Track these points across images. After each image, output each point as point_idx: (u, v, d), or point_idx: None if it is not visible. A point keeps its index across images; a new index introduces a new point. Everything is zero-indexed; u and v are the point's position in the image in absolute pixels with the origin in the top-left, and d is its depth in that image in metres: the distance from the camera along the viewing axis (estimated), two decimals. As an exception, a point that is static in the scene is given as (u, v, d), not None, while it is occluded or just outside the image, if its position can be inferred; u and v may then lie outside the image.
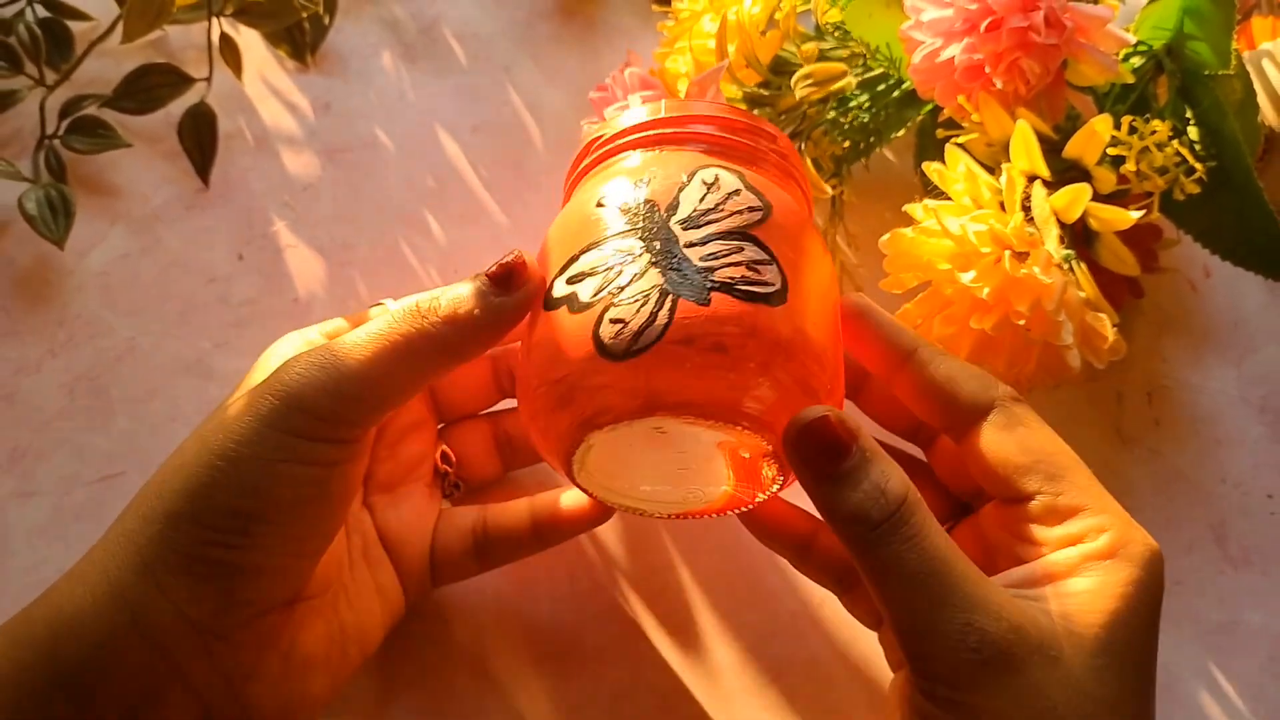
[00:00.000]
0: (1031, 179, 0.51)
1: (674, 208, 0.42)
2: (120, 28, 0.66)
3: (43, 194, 0.63)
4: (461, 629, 0.54)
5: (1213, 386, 0.62)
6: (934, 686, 0.39)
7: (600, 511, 0.52)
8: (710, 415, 0.39)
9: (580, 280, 0.41)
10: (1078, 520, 0.42)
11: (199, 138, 0.68)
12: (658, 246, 0.40)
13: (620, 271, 0.40)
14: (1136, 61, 0.56)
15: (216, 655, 0.41)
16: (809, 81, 0.58)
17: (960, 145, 0.53)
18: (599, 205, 0.43)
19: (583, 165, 0.48)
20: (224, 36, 0.70)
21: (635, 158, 0.45)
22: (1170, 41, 0.56)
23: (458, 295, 0.43)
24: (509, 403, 0.56)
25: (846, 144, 0.60)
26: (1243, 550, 0.58)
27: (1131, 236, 0.55)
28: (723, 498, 0.46)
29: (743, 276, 0.40)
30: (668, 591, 0.55)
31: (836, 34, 0.61)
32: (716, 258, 0.40)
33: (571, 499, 0.52)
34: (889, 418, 0.52)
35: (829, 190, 0.58)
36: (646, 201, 0.42)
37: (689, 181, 0.42)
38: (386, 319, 0.42)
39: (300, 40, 0.72)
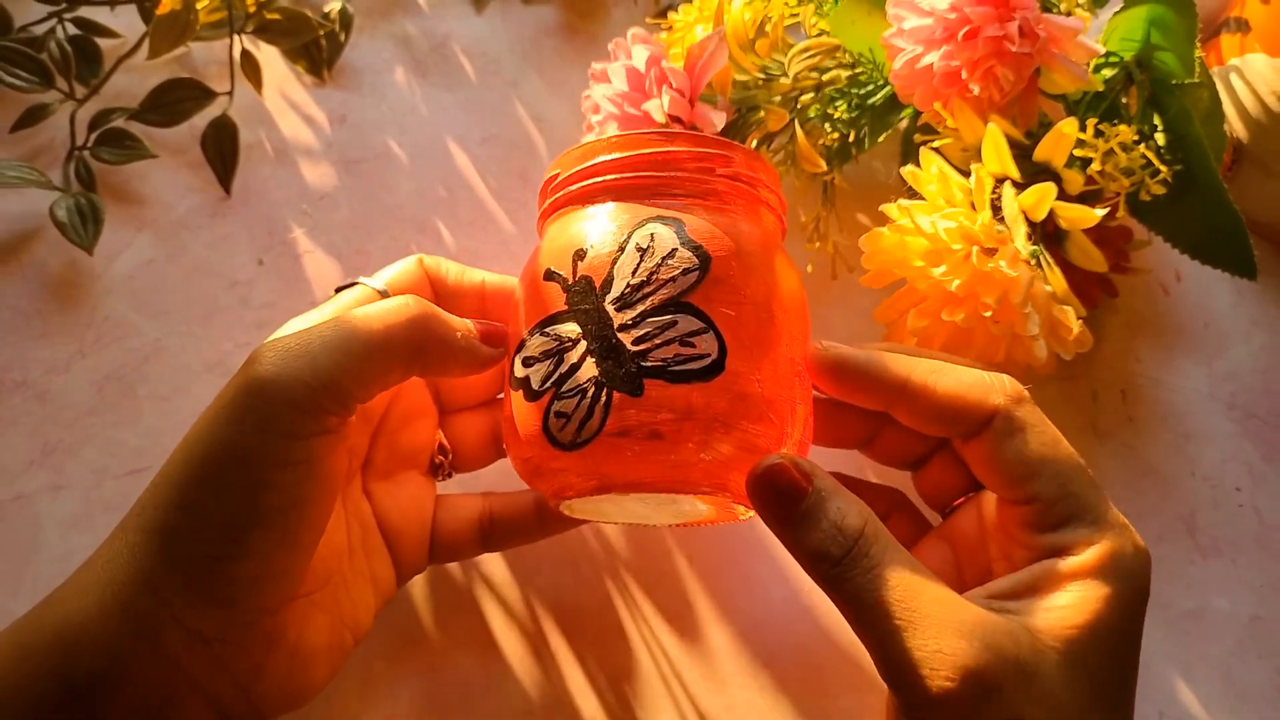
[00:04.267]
0: (1002, 180, 0.51)
1: (608, 284, 0.41)
2: (146, 44, 0.67)
3: (73, 202, 0.64)
4: (468, 615, 0.54)
5: (1184, 385, 0.62)
6: (915, 715, 0.38)
7: None
8: (660, 489, 0.41)
9: (532, 364, 0.42)
10: (1069, 530, 0.41)
11: (221, 149, 0.68)
12: (593, 331, 0.41)
13: (561, 360, 0.41)
14: (1108, 73, 0.56)
15: (225, 659, 0.40)
16: (807, 54, 0.58)
17: (936, 150, 0.53)
18: (546, 278, 0.43)
19: (545, 205, 0.47)
20: (245, 53, 0.71)
21: (575, 213, 0.45)
22: (1139, 53, 0.56)
23: (446, 316, 0.44)
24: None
25: (836, 135, 0.60)
26: (1212, 540, 0.57)
27: (1103, 237, 0.55)
28: (710, 519, 0.48)
29: (675, 355, 0.40)
30: (666, 580, 0.55)
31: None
32: (649, 338, 0.40)
33: None
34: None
35: (823, 165, 0.58)
36: (583, 278, 0.42)
37: (623, 250, 0.42)
38: (367, 310, 0.42)
39: (317, 56, 0.72)
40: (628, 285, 0.41)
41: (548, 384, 0.41)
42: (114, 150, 0.67)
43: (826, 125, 0.60)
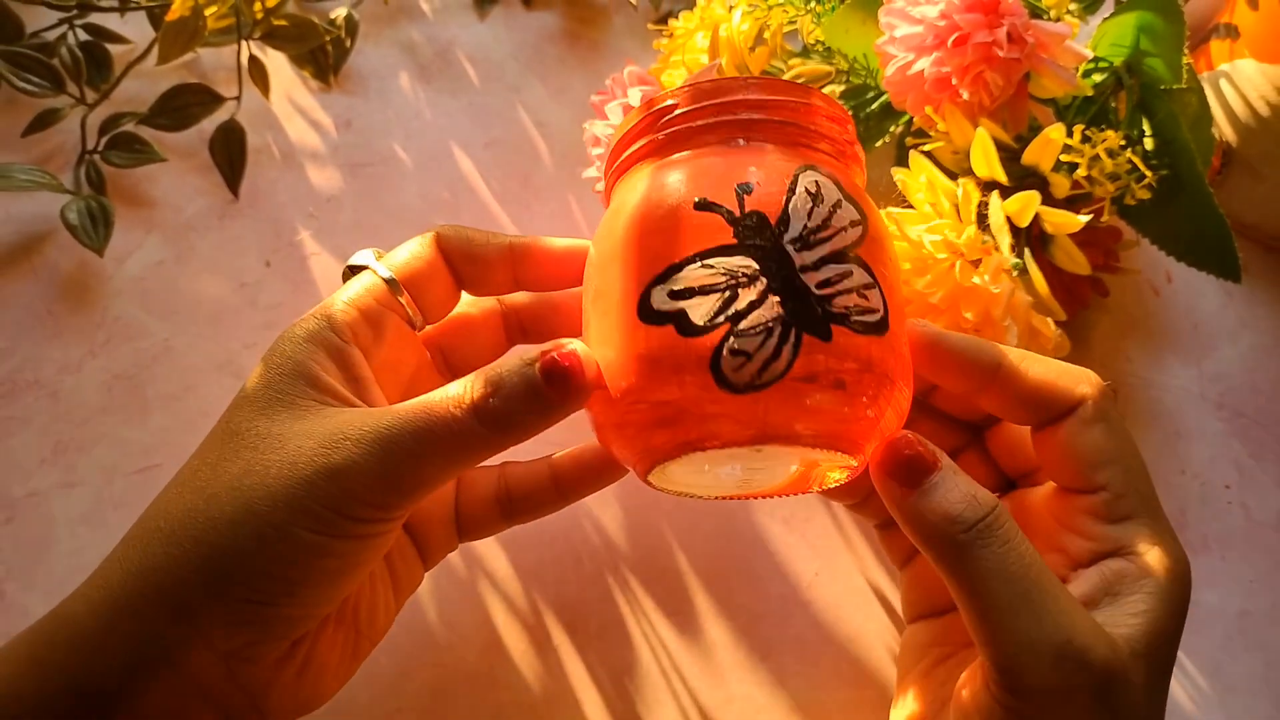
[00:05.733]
0: (990, 186, 0.52)
1: (784, 222, 0.37)
2: (156, 50, 0.67)
3: (84, 205, 0.64)
4: (473, 611, 0.54)
5: (1174, 384, 0.62)
6: (1021, 702, 0.37)
7: (618, 469, 0.48)
8: (818, 445, 0.37)
9: (688, 297, 0.37)
10: (1131, 525, 0.40)
11: (229, 153, 0.69)
12: (774, 269, 0.37)
13: (736, 295, 0.36)
14: (1098, 78, 0.57)
15: (238, 675, 0.39)
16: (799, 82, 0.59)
17: (927, 153, 0.53)
18: (699, 207, 0.38)
19: (646, 140, 0.42)
20: (252, 58, 0.71)
21: (716, 147, 0.40)
22: (1128, 59, 0.56)
23: (512, 394, 0.38)
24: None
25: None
26: (1201, 537, 0.58)
27: (1092, 238, 0.56)
28: (774, 490, 0.44)
29: (856, 306, 0.37)
30: (666, 576, 0.56)
31: (821, 50, 0.62)
32: (831, 284, 0.37)
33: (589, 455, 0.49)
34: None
35: None
36: (755, 213, 0.37)
37: (793, 190, 0.38)
38: (425, 410, 0.38)
39: (324, 62, 0.73)
40: (805, 227, 0.37)
41: (718, 318, 0.36)
42: (124, 154, 0.68)
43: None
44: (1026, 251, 0.52)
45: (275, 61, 0.74)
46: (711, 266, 0.37)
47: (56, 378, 0.61)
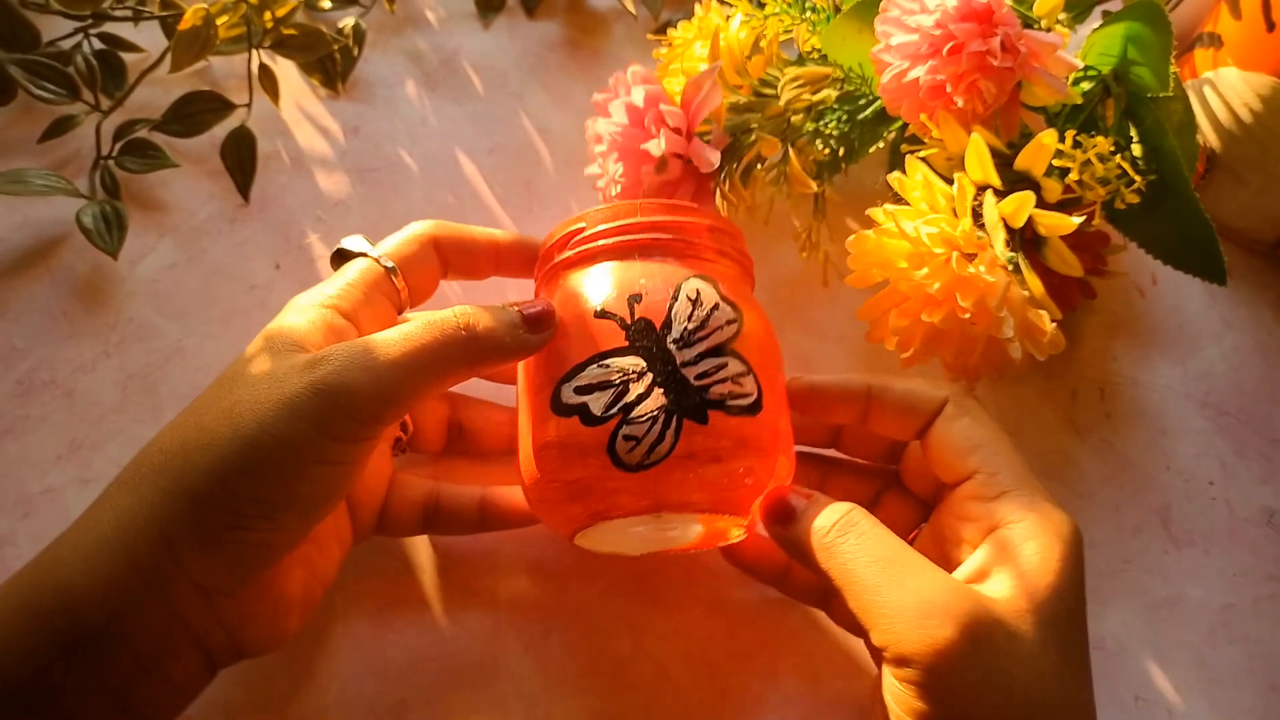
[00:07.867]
0: (984, 188, 0.52)
1: (668, 326, 0.45)
2: (169, 59, 0.67)
3: (98, 209, 0.64)
4: (474, 606, 0.54)
5: (1159, 383, 0.63)
6: (906, 670, 0.39)
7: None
8: (705, 510, 0.44)
9: (589, 392, 0.44)
10: (1005, 500, 0.44)
11: (240, 158, 0.69)
12: (659, 366, 0.44)
13: (627, 390, 0.44)
14: (1086, 86, 0.57)
15: (219, 609, 0.41)
16: (798, 83, 0.58)
17: (922, 159, 0.53)
18: (598, 315, 0.45)
19: (562, 257, 0.49)
20: (263, 66, 0.71)
21: (615, 264, 0.47)
22: (1116, 68, 0.56)
23: (494, 321, 0.44)
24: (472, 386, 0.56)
25: (826, 151, 0.60)
26: (1186, 532, 0.58)
27: (1081, 242, 0.55)
28: (690, 546, 0.50)
29: (730, 392, 0.44)
30: (664, 571, 0.56)
31: (816, 57, 0.62)
32: (708, 375, 0.44)
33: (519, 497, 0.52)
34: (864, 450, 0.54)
35: (813, 186, 0.58)
36: (643, 319, 0.45)
37: (676, 298, 0.45)
38: (423, 325, 0.43)
39: (332, 70, 0.73)
40: (685, 329, 0.44)
41: (613, 410, 0.43)
42: (137, 159, 0.67)
43: (818, 142, 0.60)
44: (1020, 252, 0.52)
45: (285, 69, 0.74)
46: (607, 366, 0.44)
47: (72, 377, 0.61)
